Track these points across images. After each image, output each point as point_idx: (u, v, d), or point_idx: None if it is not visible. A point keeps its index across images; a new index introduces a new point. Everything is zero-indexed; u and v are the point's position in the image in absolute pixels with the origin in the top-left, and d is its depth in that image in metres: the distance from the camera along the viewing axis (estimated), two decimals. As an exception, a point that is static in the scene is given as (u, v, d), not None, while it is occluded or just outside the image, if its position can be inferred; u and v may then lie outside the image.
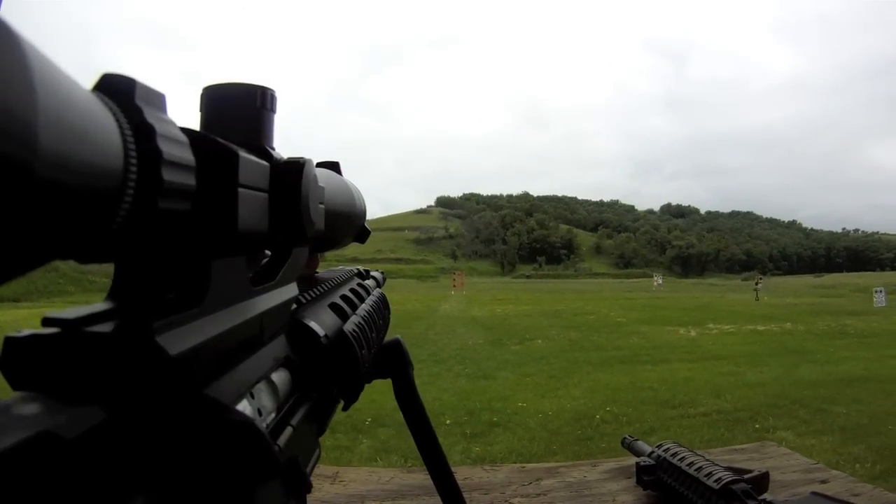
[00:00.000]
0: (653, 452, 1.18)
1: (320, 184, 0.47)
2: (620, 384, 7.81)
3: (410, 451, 4.52)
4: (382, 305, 0.78)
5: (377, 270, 0.93)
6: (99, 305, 0.29)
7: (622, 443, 1.35)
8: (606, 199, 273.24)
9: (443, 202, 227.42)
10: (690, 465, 1.07)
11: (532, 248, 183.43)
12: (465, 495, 1.06)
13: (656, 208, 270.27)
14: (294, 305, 0.49)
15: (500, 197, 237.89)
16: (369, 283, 0.80)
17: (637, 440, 1.31)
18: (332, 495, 1.20)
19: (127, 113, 0.23)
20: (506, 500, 1.19)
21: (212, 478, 0.29)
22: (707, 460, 1.07)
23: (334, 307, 0.60)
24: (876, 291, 24.82)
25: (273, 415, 0.40)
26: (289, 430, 0.40)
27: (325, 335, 0.51)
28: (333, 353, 0.52)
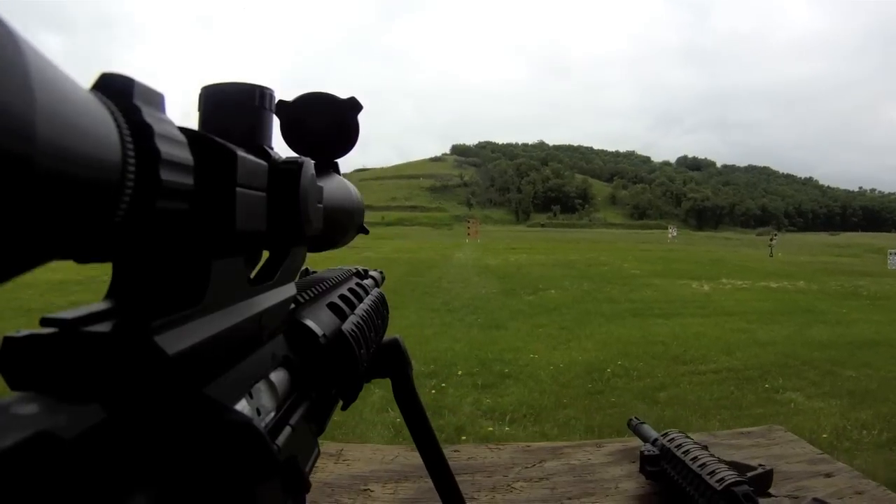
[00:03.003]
0: (657, 440, 1.18)
1: (318, 183, 0.47)
2: (632, 338, 7.81)
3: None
4: (381, 305, 0.79)
5: (376, 270, 0.94)
6: (97, 305, 0.30)
7: (628, 424, 1.35)
8: (623, 150, 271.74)
9: (458, 150, 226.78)
10: (694, 459, 1.06)
11: (547, 197, 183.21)
12: (468, 478, 1.20)
13: (673, 160, 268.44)
14: (292, 305, 0.50)
15: (516, 145, 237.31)
16: (368, 282, 0.80)
17: (643, 423, 1.31)
18: (336, 476, 1.21)
19: (125, 112, 0.24)
20: (508, 485, 1.19)
21: (211, 477, 0.29)
22: (711, 455, 1.06)
23: (333, 307, 0.61)
24: (891, 253, 24.46)
25: (272, 414, 0.41)
26: (287, 429, 0.40)
27: (324, 335, 0.52)
28: (332, 353, 0.53)
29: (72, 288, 10.04)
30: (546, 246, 33.46)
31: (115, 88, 0.24)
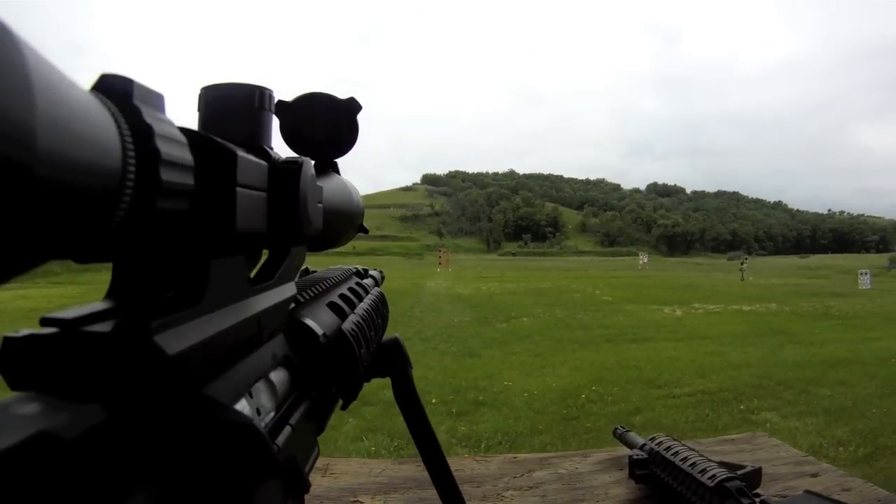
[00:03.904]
0: (645, 445, 1.18)
1: (318, 183, 0.47)
2: (606, 363, 7.85)
3: (396, 430, 4.57)
4: (381, 304, 0.78)
5: (376, 269, 0.93)
6: (97, 305, 0.30)
7: (614, 433, 1.35)
8: (593, 177, 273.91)
9: (429, 179, 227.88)
10: (684, 460, 1.06)
11: (517, 226, 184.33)
12: None
13: (643, 187, 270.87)
14: (292, 304, 0.49)
15: (486, 174, 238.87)
16: (368, 281, 0.80)
17: (629, 431, 1.31)
18: (324, 489, 1.19)
19: (125, 113, 0.23)
20: (498, 493, 1.19)
21: (210, 477, 0.29)
22: (700, 455, 1.06)
23: (333, 306, 0.60)
24: (861, 273, 25.02)
25: (272, 414, 0.40)
26: (287, 429, 0.40)
27: (324, 334, 0.52)
28: (332, 353, 0.52)
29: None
30: (517, 274, 33.59)
31: (114, 89, 0.24)
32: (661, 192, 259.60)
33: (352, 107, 0.64)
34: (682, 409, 5.75)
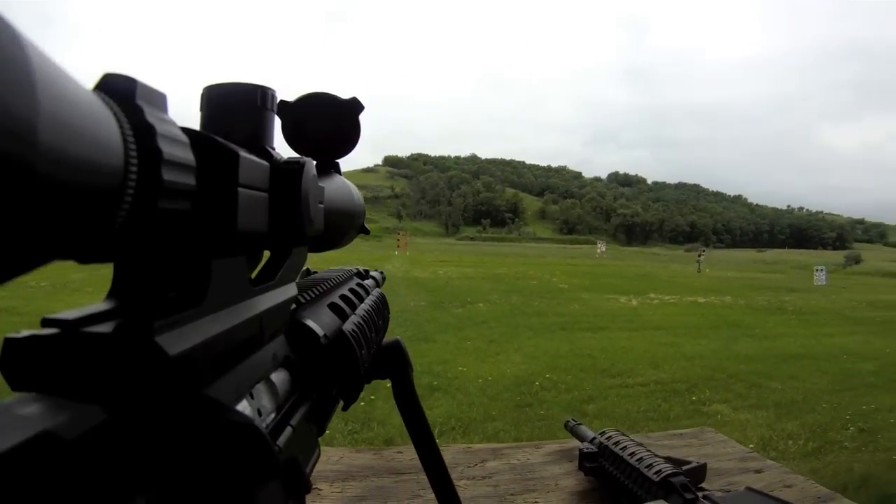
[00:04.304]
0: (595, 439, 1.20)
1: (320, 184, 0.47)
2: (560, 351, 7.87)
3: (350, 414, 4.52)
4: (382, 305, 0.79)
5: (377, 270, 0.94)
6: (98, 305, 0.30)
7: (565, 426, 1.36)
8: (556, 164, 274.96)
9: (390, 161, 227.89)
10: (632, 455, 1.09)
11: (477, 211, 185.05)
12: (413, 476, 1.23)
13: (604, 176, 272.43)
14: (293, 305, 0.49)
15: (448, 158, 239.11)
16: (368, 282, 0.80)
17: (580, 424, 1.33)
18: None
19: (128, 112, 0.23)
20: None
21: (212, 478, 0.29)
22: (648, 451, 1.09)
23: (334, 307, 0.60)
24: (817, 270, 25.49)
25: (273, 415, 0.40)
26: (288, 430, 0.40)
27: (325, 335, 0.52)
28: (333, 353, 0.52)
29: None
30: (475, 259, 33.57)
31: (117, 89, 0.24)
32: (623, 182, 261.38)
33: (354, 107, 0.64)
34: (635, 399, 5.79)
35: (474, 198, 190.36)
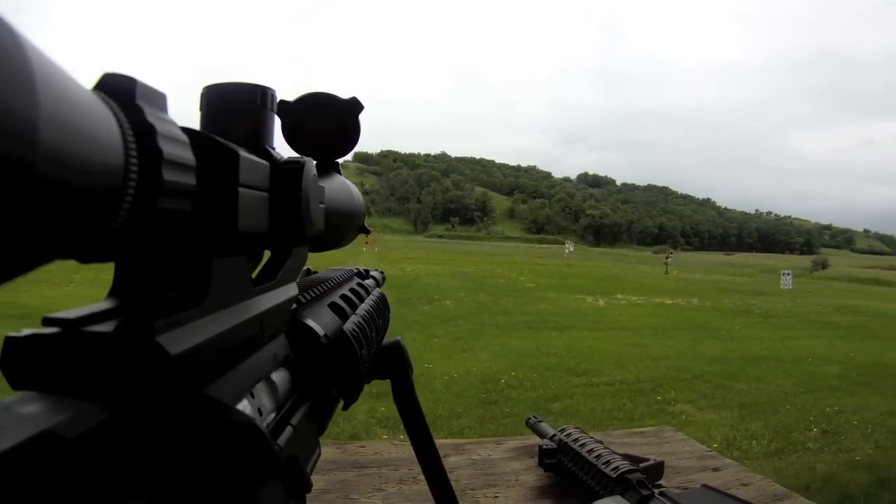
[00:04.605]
0: (555, 436, 1.21)
1: (320, 183, 0.47)
2: (526, 349, 7.91)
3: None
4: (382, 305, 0.79)
5: (377, 270, 0.94)
6: (99, 305, 0.29)
7: (526, 422, 1.37)
8: (525, 164, 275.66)
9: (360, 157, 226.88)
10: (590, 451, 1.10)
11: (446, 209, 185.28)
12: (376, 471, 1.24)
13: (574, 177, 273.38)
14: (294, 305, 0.49)
15: (418, 156, 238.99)
16: (369, 282, 0.80)
17: (541, 421, 1.34)
18: None
19: (128, 112, 0.23)
20: (413, 477, 1.21)
21: (212, 477, 0.28)
22: (606, 448, 1.10)
23: (334, 307, 0.60)
24: (783, 274, 25.91)
25: (273, 414, 0.40)
26: (289, 429, 0.40)
27: (325, 335, 0.51)
28: (333, 353, 0.52)
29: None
30: (443, 256, 33.58)
31: (117, 88, 0.24)
32: (592, 183, 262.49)
33: (354, 106, 0.64)
34: (600, 398, 5.83)
35: (443, 196, 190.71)
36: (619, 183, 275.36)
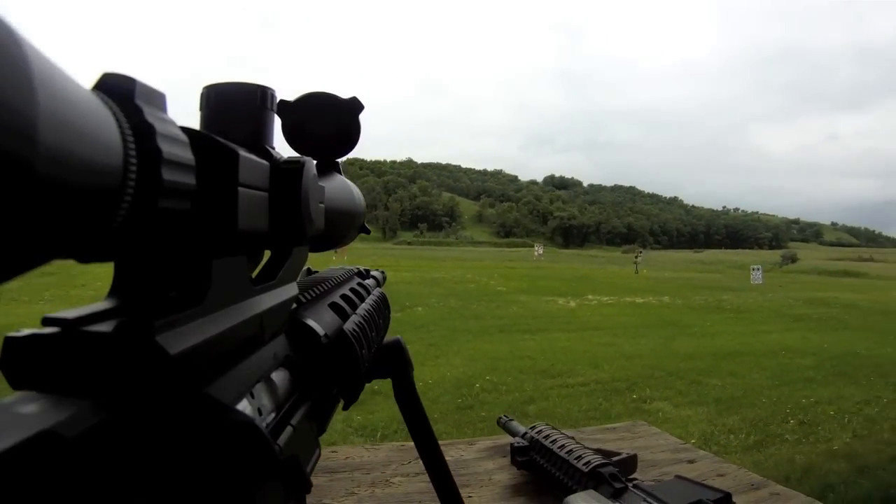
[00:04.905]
0: (526, 433, 1.22)
1: (320, 183, 0.46)
2: (500, 353, 7.92)
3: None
4: (383, 305, 0.79)
5: (377, 270, 0.94)
6: (99, 305, 0.29)
7: (498, 422, 1.38)
8: (492, 168, 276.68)
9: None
10: (562, 447, 1.11)
11: (414, 215, 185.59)
12: (347, 475, 1.24)
13: (540, 179, 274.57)
14: (294, 305, 0.49)
15: (384, 163, 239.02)
16: (369, 282, 0.80)
17: (512, 420, 1.35)
18: None
19: (127, 112, 0.23)
20: (386, 480, 1.23)
21: (212, 477, 0.28)
22: (577, 443, 1.11)
23: (334, 307, 0.59)
24: (753, 269, 26.12)
25: (273, 414, 0.40)
26: (289, 429, 0.39)
27: (326, 334, 0.51)
28: (333, 353, 0.52)
29: None
30: (413, 263, 33.55)
31: (116, 88, 0.24)
32: (559, 185, 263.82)
33: (354, 106, 0.64)
34: (576, 399, 5.86)
35: (411, 202, 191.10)
36: (585, 184, 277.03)
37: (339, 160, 0.66)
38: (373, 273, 0.90)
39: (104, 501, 0.23)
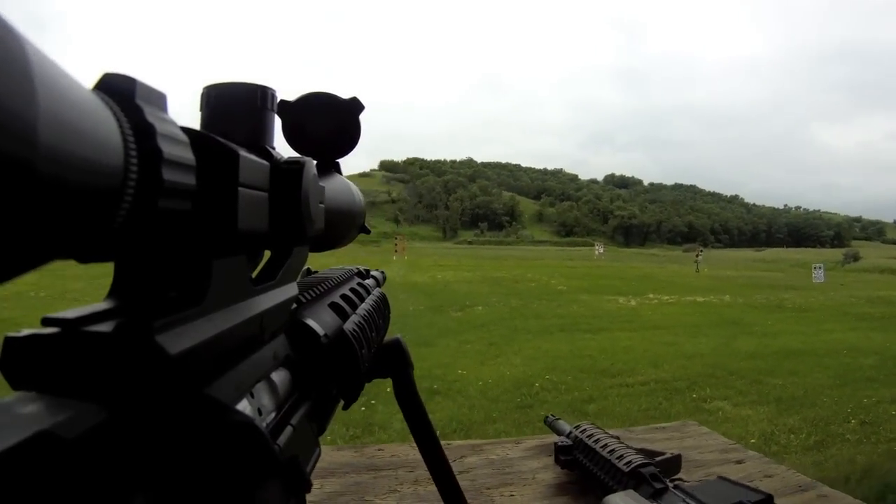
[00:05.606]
0: (571, 433, 1.22)
1: (320, 183, 0.47)
2: (560, 352, 7.88)
3: (349, 419, 4.50)
4: (383, 305, 0.79)
5: (377, 270, 0.94)
6: (99, 305, 0.30)
7: (545, 421, 1.38)
8: (550, 167, 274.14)
9: (386, 166, 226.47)
10: (604, 447, 1.11)
11: (474, 214, 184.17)
12: (392, 473, 1.25)
13: (601, 178, 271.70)
14: (294, 305, 0.49)
15: (444, 162, 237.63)
16: (369, 282, 0.81)
17: (559, 419, 1.34)
18: None
19: (127, 112, 0.23)
20: (429, 478, 1.14)
21: (212, 477, 0.29)
22: (621, 443, 1.11)
23: (334, 306, 0.60)
24: (815, 267, 25.53)
25: (273, 414, 0.41)
26: (289, 429, 0.40)
27: (326, 334, 0.52)
28: (333, 353, 0.53)
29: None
30: (473, 262, 33.41)
31: (116, 88, 0.24)
32: (619, 184, 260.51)
33: (354, 106, 0.64)
34: (636, 398, 5.80)
35: (471, 201, 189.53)
36: (646, 183, 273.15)
37: (340, 160, 0.67)
38: (373, 273, 0.90)
39: (104, 502, 0.24)
